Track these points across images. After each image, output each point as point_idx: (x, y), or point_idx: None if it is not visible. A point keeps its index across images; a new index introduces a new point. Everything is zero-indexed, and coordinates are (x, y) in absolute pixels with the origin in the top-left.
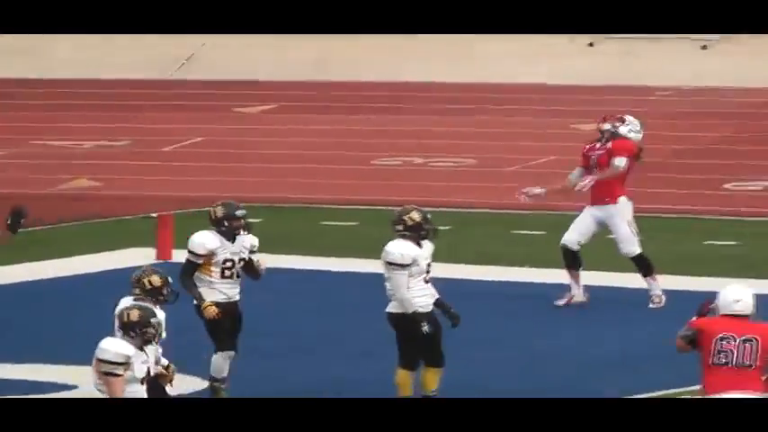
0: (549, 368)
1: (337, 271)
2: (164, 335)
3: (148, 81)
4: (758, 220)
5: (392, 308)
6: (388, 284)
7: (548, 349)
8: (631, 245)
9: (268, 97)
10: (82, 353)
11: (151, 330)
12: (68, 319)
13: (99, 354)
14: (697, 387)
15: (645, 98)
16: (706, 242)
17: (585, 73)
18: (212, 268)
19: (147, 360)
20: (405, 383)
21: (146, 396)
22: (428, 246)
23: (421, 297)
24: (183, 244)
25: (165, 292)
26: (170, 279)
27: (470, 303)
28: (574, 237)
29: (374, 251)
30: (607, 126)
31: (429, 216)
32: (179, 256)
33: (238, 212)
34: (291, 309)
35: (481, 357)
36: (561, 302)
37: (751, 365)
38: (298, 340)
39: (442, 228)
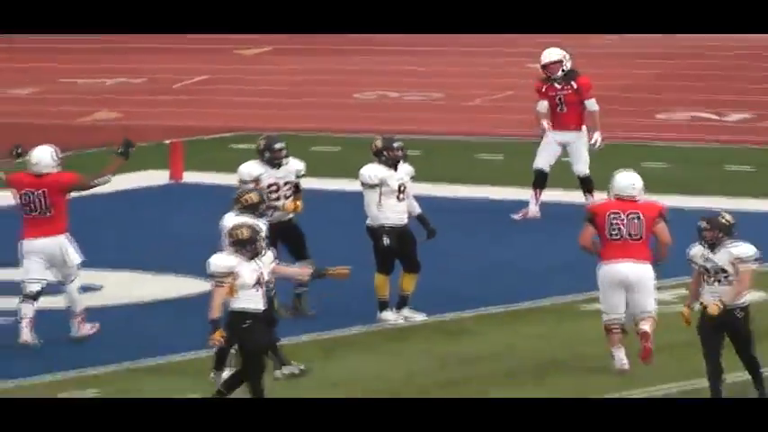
0: (505, 274)
1: (323, 189)
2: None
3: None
4: (684, 146)
5: (368, 221)
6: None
7: (505, 258)
8: (585, 166)
9: (263, 40)
10: (106, 259)
11: (260, 244)
12: (94, 230)
13: (207, 269)
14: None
15: (593, 41)
16: (642, 164)
17: None
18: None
19: (257, 268)
20: (381, 286)
21: (260, 298)
22: (404, 168)
23: (392, 213)
24: (192, 167)
25: (261, 207)
26: (265, 196)
27: (439, 218)
28: (546, 161)
29: (356, 173)
30: (560, 61)
31: (398, 143)
32: (189, 177)
33: (277, 145)
34: None
35: (451, 265)
36: (517, 216)
37: (639, 237)
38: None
39: (414, 153)
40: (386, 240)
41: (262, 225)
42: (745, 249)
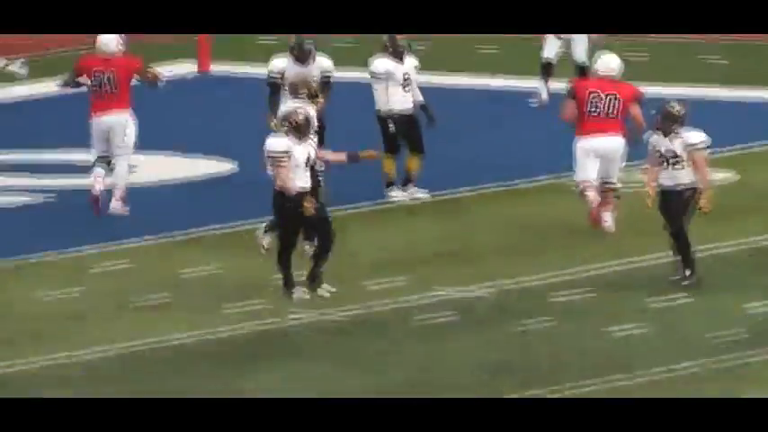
0: (503, 157)
1: (339, 80)
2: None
3: None
4: (664, 41)
5: (377, 109)
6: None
7: (502, 142)
8: (585, 55)
9: None
10: (144, 142)
11: (312, 129)
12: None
13: (266, 151)
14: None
15: None
16: (626, 53)
17: None
18: (285, 87)
19: (306, 149)
20: (389, 167)
21: (307, 177)
22: (409, 61)
23: (398, 102)
24: (218, 56)
25: (316, 98)
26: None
27: (441, 106)
28: (552, 50)
29: (368, 65)
30: None
31: (403, 38)
32: (216, 68)
33: (306, 43)
34: None
35: (452, 148)
36: (534, 104)
37: (615, 115)
38: None
39: (420, 48)
40: (392, 126)
41: (312, 112)
42: (695, 137)
